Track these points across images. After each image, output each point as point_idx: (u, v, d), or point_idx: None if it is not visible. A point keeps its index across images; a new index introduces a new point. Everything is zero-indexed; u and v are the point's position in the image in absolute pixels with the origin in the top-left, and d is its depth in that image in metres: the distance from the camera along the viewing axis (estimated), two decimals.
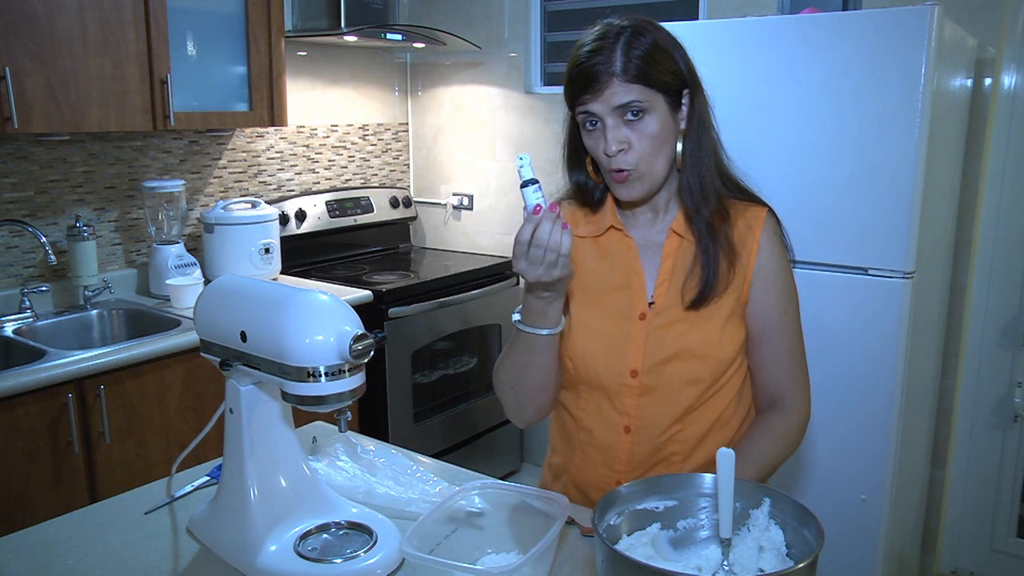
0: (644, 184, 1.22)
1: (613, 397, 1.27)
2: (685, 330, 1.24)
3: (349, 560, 1.08)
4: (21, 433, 1.91)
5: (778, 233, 1.29)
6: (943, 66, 1.93)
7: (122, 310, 2.51)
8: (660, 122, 1.19)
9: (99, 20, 2.22)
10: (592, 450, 1.31)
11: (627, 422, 1.27)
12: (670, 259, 1.27)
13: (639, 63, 1.15)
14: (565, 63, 1.27)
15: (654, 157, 1.20)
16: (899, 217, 1.91)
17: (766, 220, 1.27)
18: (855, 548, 2.06)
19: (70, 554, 1.15)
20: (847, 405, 2.02)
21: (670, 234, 1.28)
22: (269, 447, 1.15)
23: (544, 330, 1.21)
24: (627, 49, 1.16)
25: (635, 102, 1.16)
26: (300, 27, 3.00)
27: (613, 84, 1.16)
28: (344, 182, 3.40)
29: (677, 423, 1.26)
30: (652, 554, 0.99)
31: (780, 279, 1.27)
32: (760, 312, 1.27)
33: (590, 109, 1.19)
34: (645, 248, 1.30)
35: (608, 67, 1.15)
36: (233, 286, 1.16)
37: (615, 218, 1.31)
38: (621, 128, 1.18)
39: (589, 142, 1.23)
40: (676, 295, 1.25)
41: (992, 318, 2.50)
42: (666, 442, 1.27)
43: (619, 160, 1.19)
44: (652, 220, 1.31)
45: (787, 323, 1.29)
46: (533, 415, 1.33)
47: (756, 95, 2.04)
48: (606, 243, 1.31)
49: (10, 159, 2.39)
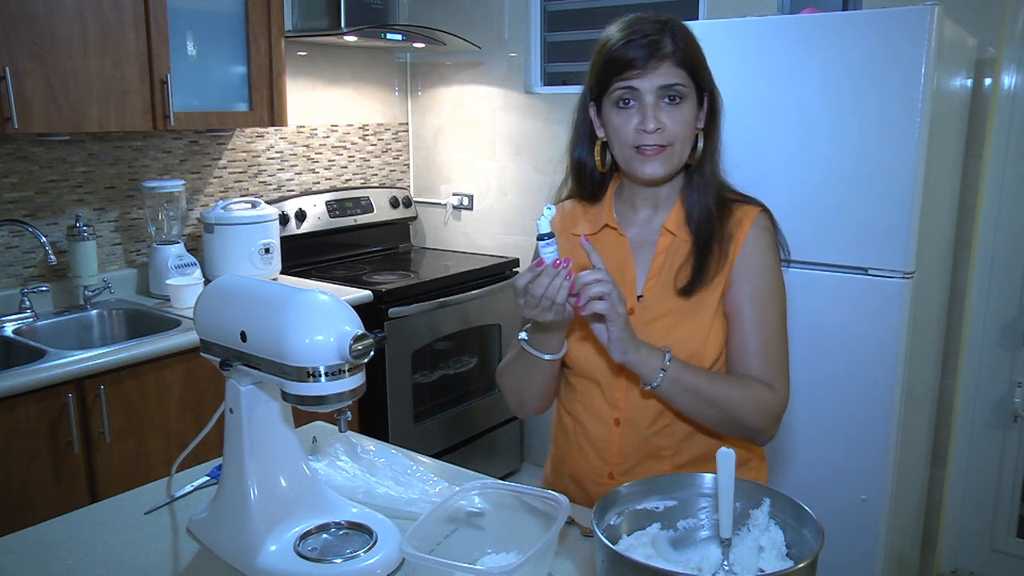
0: (671, 164, 1.25)
1: (604, 390, 1.30)
2: (672, 324, 1.26)
3: (349, 560, 1.08)
4: (21, 433, 1.91)
5: (768, 229, 1.29)
6: (943, 66, 1.93)
7: (122, 310, 2.51)
8: (692, 112, 1.24)
9: (99, 20, 2.22)
10: (586, 443, 1.34)
11: (617, 414, 1.30)
12: (662, 256, 1.30)
13: (687, 50, 1.22)
14: (565, 63, 1.28)
15: (684, 143, 1.25)
16: (899, 217, 1.91)
17: (758, 216, 1.29)
18: (855, 548, 2.06)
19: (70, 554, 1.14)
20: (847, 405, 2.02)
21: (663, 232, 1.31)
22: (269, 447, 1.15)
23: (547, 355, 1.26)
24: (675, 36, 1.21)
25: (678, 85, 1.21)
26: (300, 27, 3.00)
27: (663, 64, 1.20)
28: (344, 182, 3.40)
29: (664, 417, 1.28)
30: (652, 554, 0.99)
31: (761, 270, 1.27)
32: (735, 298, 1.27)
33: (634, 84, 1.21)
34: (639, 245, 1.33)
35: (659, 48, 1.20)
36: (233, 286, 1.16)
37: (611, 216, 1.34)
38: (659, 109, 1.21)
39: (617, 120, 1.24)
40: (665, 289, 1.28)
41: (992, 318, 2.50)
42: (655, 435, 1.29)
43: (652, 137, 1.22)
44: (650, 217, 1.33)
45: (761, 312, 1.26)
46: (536, 411, 1.39)
47: (756, 95, 2.04)
48: (601, 240, 1.33)
49: (10, 159, 2.39)
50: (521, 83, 3.26)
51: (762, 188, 1.35)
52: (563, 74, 3.25)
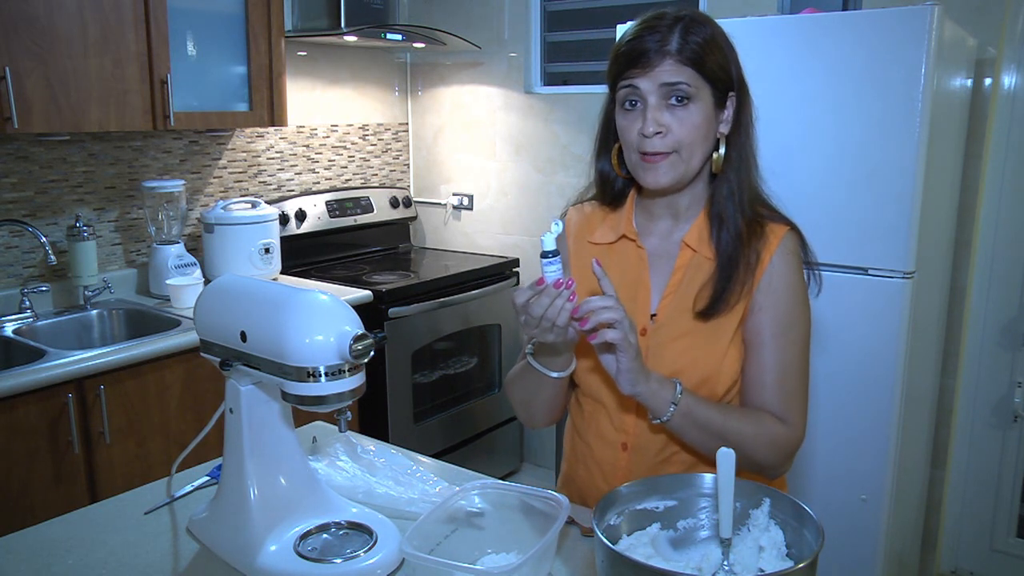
0: (676, 172, 1.16)
1: (612, 414, 1.25)
2: (687, 347, 1.20)
3: (349, 560, 1.08)
4: (21, 433, 1.91)
5: (795, 252, 1.21)
6: (943, 66, 1.93)
7: (122, 310, 2.51)
8: (703, 114, 1.15)
9: (99, 20, 2.22)
10: (592, 464, 1.30)
11: (624, 439, 1.25)
12: (680, 272, 1.22)
13: (695, 47, 1.12)
14: (565, 63, 1.26)
15: (693, 148, 1.15)
16: (899, 217, 1.91)
17: (784, 237, 1.20)
18: (855, 548, 2.06)
19: (70, 554, 1.14)
20: (847, 405, 2.02)
21: (683, 247, 1.23)
22: (269, 447, 1.15)
23: (554, 372, 1.20)
24: (685, 32, 1.13)
25: (683, 84, 1.12)
26: (300, 27, 3.00)
27: (665, 62, 1.12)
28: (344, 182, 3.40)
29: (673, 444, 1.23)
30: (652, 554, 0.99)
31: (784, 296, 1.19)
32: (754, 324, 1.19)
33: (635, 84, 1.13)
34: (657, 259, 1.25)
35: (663, 45, 1.12)
36: (233, 286, 1.16)
37: (630, 227, 1.26)
38: (663, 111, 1.13)
39: (623, 122, 1.17)
40: (680, 307, 1.21)
41: (992, 318, 2.50)
42: (663, 463, 1.24)
43: (654, 143, 1.14)
44: (670, 229, 1.25)
45: (782, 342, 1.19)
46: (544, 424, 1.34)
47: (756, 95, 2.01)
48: (618, 252, 1.27)
49: (10, 159, 2.39)
50: (521, 83, 3.26)
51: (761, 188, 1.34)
52: (563, 74, 3.25)
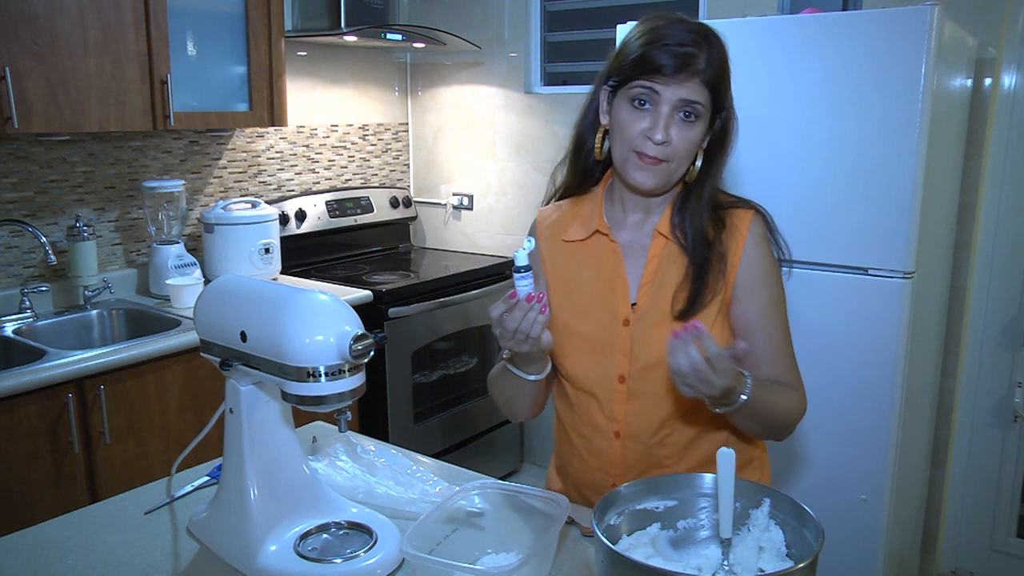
0: (664, 178, 1.22)
1: (603, 403, 1.28)
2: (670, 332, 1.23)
3: (349, 560, 1.08)
4: (21, 433, 1.91)
5: (764, 235, 1.26)
6: (943, 66, 1.93)
7: (122, 310, 2.51)
8: (702, 133, 1.21)
9: (99, 20, 2.22)
10: (587, 454, 1.33)
11: (616, 427, 1.28)
12: (655, 261, 1.27)
13: (716, 71, 1.18)
14: (565, 63, 1.27)
15: (683, 161, 1.22)
16: (899, 217, 1.91)
17: (752, 222, 1.26)
18: (855, 548, 2.06)
19: (70, 554, 1.15)
20: (847, 405, 2.02)
21: (655, 236, 1.27)
22: (269, 447, 1.15)
23: (531, 376, 1.25)
24: (711, 53, 1.17)
25: (699, 105, 1.18)
26: (300, 27, 3.00)
27: (692, 80, 1.16)
28: (344, 182, 3.40)
29: (665, 427, 1.26)
30: (652, 554, 0.99)
31: (764, 281, 1.25)
32: (742, 313, 1.25)
33: (657, 89, 1.17)
34: (630, 250, 1.29)
35: (693, 63, 1.16)
36: (233, 286, 1.16)
37: (602, 222, 1.30)
38: (672, 123, 1.18)
39: (627, 117, 1.20)
40: (659, 297, 1.25)
41: (992, 318, 2.50)
42: (656, 446, 1.27)
43: (658, 149, 1.18)
44: (641, 221, 1.30)
45: (771, 324, 1.26)
46: (528, 418, 1.38)
47: (756, 95, 2.04)
48: (592, 247, 1.31)
49: (10, 159, 2.39)
50: (521, 83, 3.26)
51: (762, 188, 1.35)
52: (563, 74, 3.25)
